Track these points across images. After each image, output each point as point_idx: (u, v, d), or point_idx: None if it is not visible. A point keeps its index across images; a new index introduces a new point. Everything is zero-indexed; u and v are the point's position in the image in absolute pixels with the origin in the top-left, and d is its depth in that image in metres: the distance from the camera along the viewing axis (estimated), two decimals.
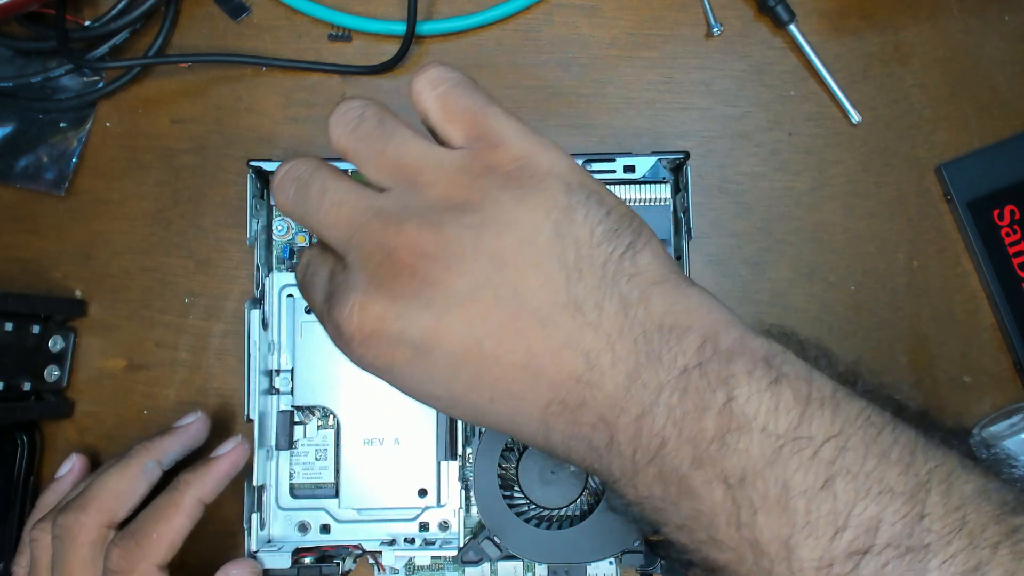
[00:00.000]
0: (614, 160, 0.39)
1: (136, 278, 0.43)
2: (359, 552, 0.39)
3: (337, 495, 0.39)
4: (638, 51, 0.44)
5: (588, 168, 0.39)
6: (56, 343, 0.42)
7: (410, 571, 0.40)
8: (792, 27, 0.43)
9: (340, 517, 0.39)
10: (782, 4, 0.42)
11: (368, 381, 0.33)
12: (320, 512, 0.39)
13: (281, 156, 0.43)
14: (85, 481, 0.38)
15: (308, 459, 0.40)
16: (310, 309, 0.36)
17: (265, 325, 0.39)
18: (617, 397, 0.25)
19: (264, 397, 0.39)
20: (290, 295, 0.40)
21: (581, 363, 0.25)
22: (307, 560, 0.38)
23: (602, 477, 0.26)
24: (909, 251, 0.43)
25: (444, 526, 0.39)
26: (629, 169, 0.39)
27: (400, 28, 0.43)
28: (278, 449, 0.40)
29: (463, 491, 0.39)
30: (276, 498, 0.39)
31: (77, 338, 0.43)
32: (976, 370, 0.42)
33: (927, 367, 0.42)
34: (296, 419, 0.40)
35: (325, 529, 0.39)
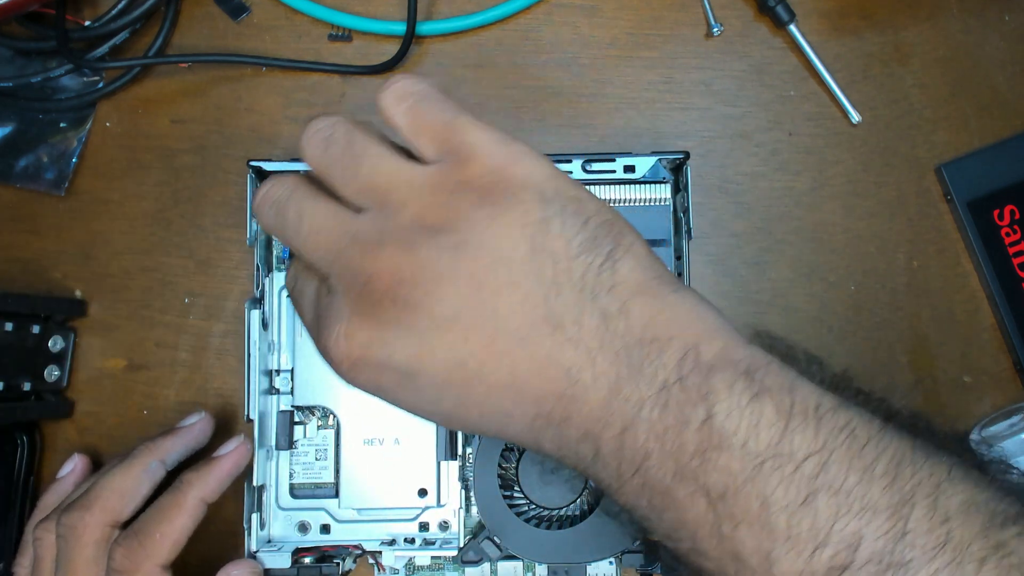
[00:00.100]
0: (614, 160, 0.39)
1: (136, 278, 0.43)
2: (359, 552, 0.39)
3: (337, 495, 0.39)
4: (638, 51, 0.44)
5: (588, 168, 0.39)
6: (56, 343, 0.42)
7: (410, 571, 0.40)
8: (792, 27, 0.43)
9: (340, 517, 0.39)
10: (782, 4, 0.42)
11: None
12: (320, 512, 0.39)
13: (281, 156, 0.43)
14: (88, 481, 0.38)
15: (308, 459, 0.40)
16: None
17: (265, 325, 0.39)
18: (600, 411, 0.25)
19: (264, 397, 0.39)
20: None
21: (563, 379, 0.25)
22: (307, 560, 0.38)
23: (595, 483, 0.27)
24: (909, 251, 0.43)
25: (444, 526, 0.39)
26: (629, 169, 0.39)
27: (400, 28, 0.43)
28: (278, 449, 0.40)
29: (463, 491, 0.39)
30: (276, 498, 0.39)
31: (77, 338, 0.43)
32: (976, 370, 0.42)
33: (927, 367, 0.42)
34: (296, 419, 0.40)
35: (325, 529, 0.39)
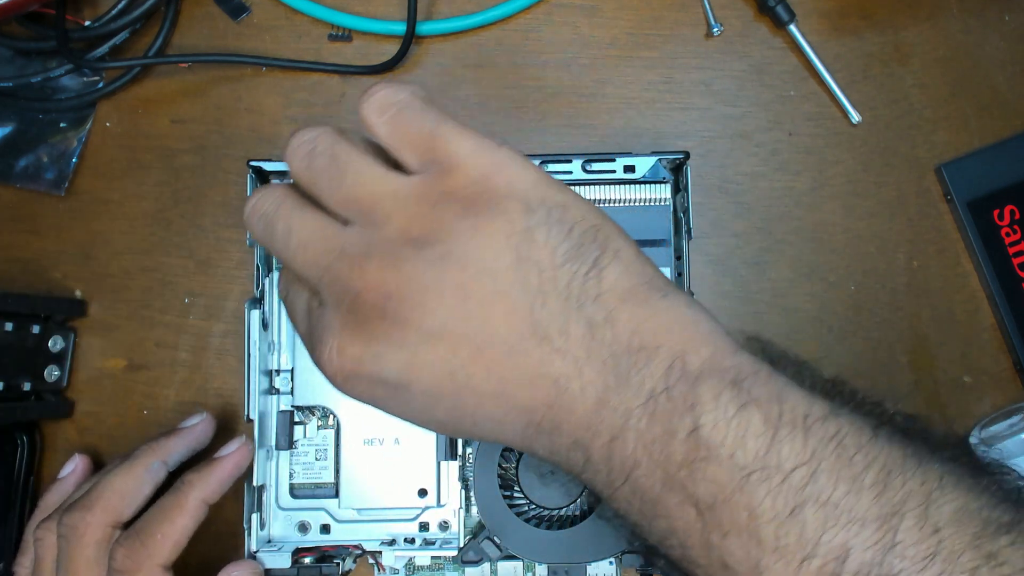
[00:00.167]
0: (614, 160, 0.39)
1: (136, 278, 0.43)
2: (359, 552, 0.39)
3: (337, 495, 0.39)
4: (638, 51, 0.44)
5: (588, 168, 0.39)
6: (56, 343, 0.42)
7: (410, 571, 0.40)
8: (792, 27, 0.43)
9: (340, 517, 0.39)
10: (782, 4, 0.42)
11: None
12: (320, 512, 0.39)
13: (281, 156, 0.43)
14: (89, 481, 0.38)
15: (308, 459, 0.40)
16: None
17: (265, 325, 0.39)
18: (588, 421, 0.25)
19: (264, 397, 0.39)
20: None
21: (551, 389, 0.25)
22: (307, 560, 0.38)
23: (589, 488, 0.27)
24: (909, 251, 0.43)
25: (444, 526, 0.39)
26: (629, 169, 0.39)
27: (400, 28, 0.43)
28: (278, 449, 0.40)
29: (463, 491, 0.39)
30: (276, 498, 0.39)
31: (77, 338, 0.43)
32: (976, 370, 0.42)
33: (927, 367, 0.42)
34: (296, 419, 0.40)
35: (325, 529, 0.39)
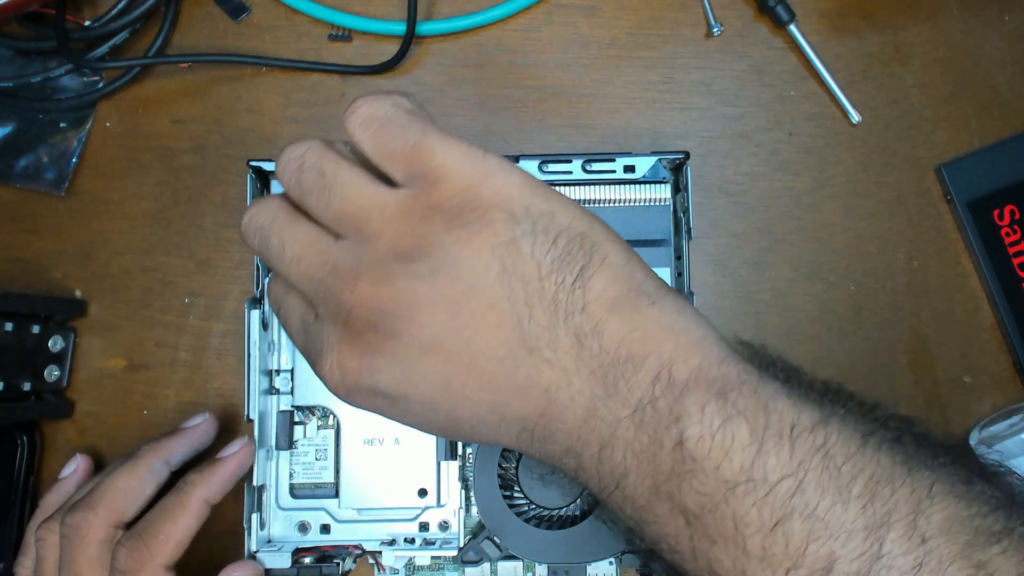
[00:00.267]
0: (614, 160, 0.39)
1: (136, 278, 0.43)
2: (359, 552, 0.39)
3: (337, 495, 0.39)
4: (638, 51, 0.44)
5: (588, 168, 0.39)
6: (56, 343, 0.42)
7: (410, 571, 0.40)
8: (792, 27, 0.43)
9: (340, 517, 0.39)
10: (782, 4, 0.42)
11: None
12: (320, 512, 0.39)
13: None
14: (91, 482, 0.38)
15: (308, 459, 0.40)
16: None
17: (265, 325, 0.39)
18: (578, 430, 0.25)
19: (264, 397, 0.39)
20: None
21: (542, 399, 0.25)
22: (307, 560, 0.38)
23: (586, 490, 0.27)
24: (909, 251, 0.43)
25: (444, 526, 0.39)
26: (629, 169, 0.39)
27: (400, 28, 0.43)
28: (278, 449, 0.40)
29: (463, 491, 0.39)
30: (276, 498, 0.39)
31: (77, 338, 0.43)
32: (976, 370, 0.42)
33: (927, 367, 0.42)
34: (296, 419, 0.40)
35: (325, 529, 0.39)
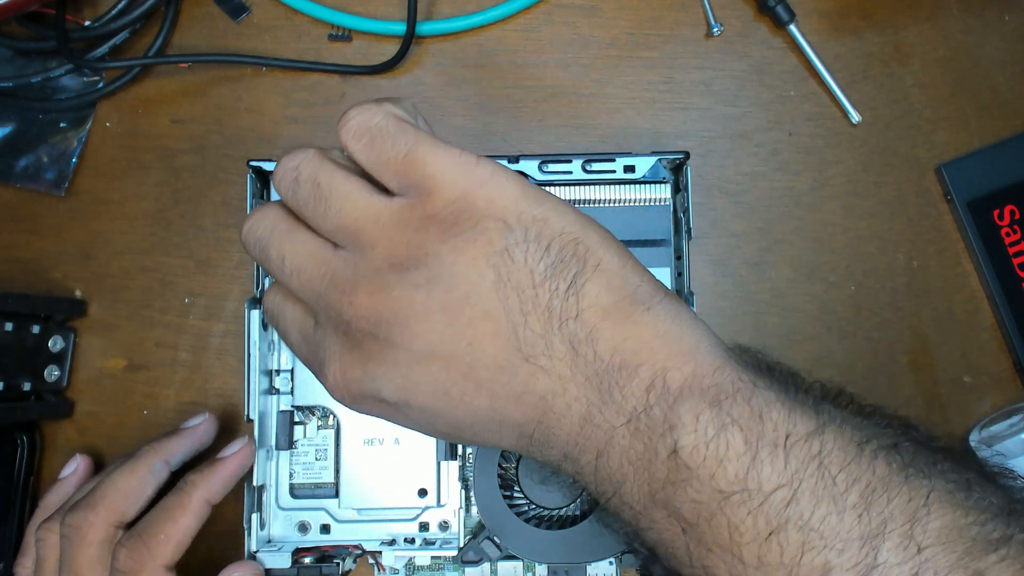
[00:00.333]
0: (614, 160, 0.39)
1: (136, 278, 0.43)
2: (359, 552, 0.39)
3: (337, 495, 0.39)
4: (638, 51, 0.44)
5: (588, 168, 0.39)
6: (56, 343, 0.42)
7: (410, 571, 0.40)
8: (792, 27, 0.43)
9: (340, 517, 0.39)
10: (782, 4, 0.42)
11: None
12: (320, 512, 0.39)
13: (281, 156, 0.43)
14: (91, 482, 0.38)
15: (308, 459, 0.40)
16: None
17: (265, 325, 0.39)
18: (575, 437, 0.25)
19: (264, 397, 0.39)
20: None
21: (539, 405, 0.26)
22: (307, 560, 0.38)
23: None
24: (909, 251, 0.43)
25: (444, 526, 0.39)
26: (629, 169, 0.39)
27: (400, 28, 0.43)
28: (278, 449, 0.40)
29: (463, 491, 0.39)
30: (276, 498, 0.39)
31: (77, 338, 0.43)
32: (976, 370, 0.42)
33: (927, 367, 0.42)
34: (296, 419, 0.40)
35: (325, 529, 0.39)
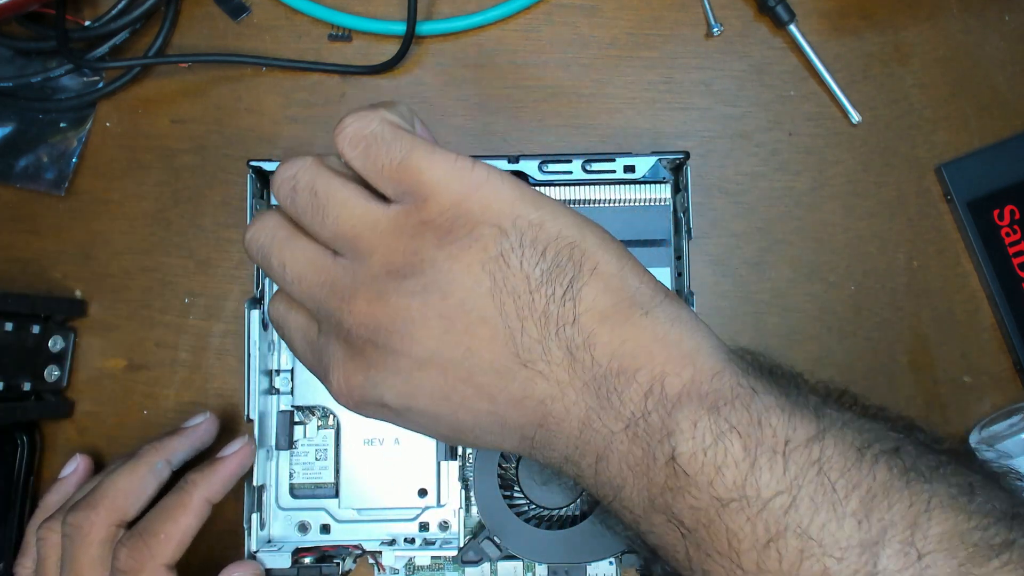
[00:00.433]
0: (614, 160, 0.39)
1: (136, 278, 0.43)
2: (359, 552, 0.39)
3: (337, 495, 0.39)
4: (638, 51, 0.44)
5: (588, 168, 0.39)
6: (56, 343, 0.42)
7: (410, 571, 0.40)
8: (792, 27, 0.43)
9: (340, 517, 0.39)
10: (782, 4, 0.42)
11: None
12: (320, 512, 0.39)
13: (281, 156, 0.43)
14: (91, 481, 0.38)
15: (308, 459, 0.40)
16: None
17: (265, 325, 0.39)
18: (575, 441, 0.26)
19: (264, 397, 0.39)
20: None
21: (539, 409, 0.26)
22: (307, 560, 0.38)
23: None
24: (909, 251, 0.43)
25: (444, 526, 0.39)
26: (629, 169, 0.39)
27: (400, 28, 0.43)
28: (278, 449, 0.40)
29: (463, 491, 0.39)
30: (276, 498, 0.39)
31: (77, 338, 0.43)
32: (976, 370, 0.42)
33: (927, 367, 0.42)
34: (296, 419, 0.40)
35: (325, 529, 0.39)
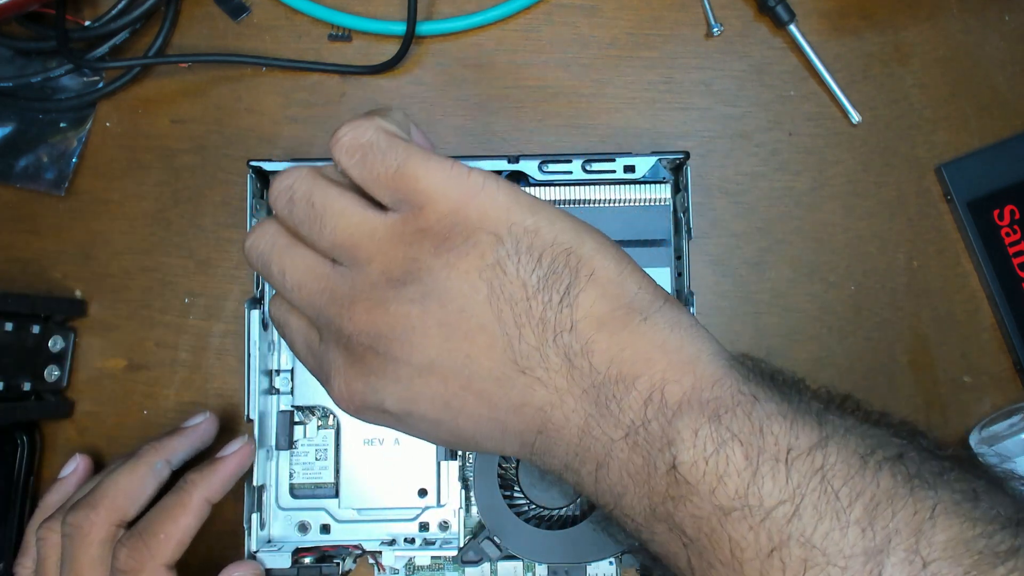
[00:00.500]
0: (614, 160, 0.39)
1: (136, 278, 0.43)
2: (359, 552, 0.39)
3: (337, 495, 0.39)
4: (638, 51, 0.44)
5: (588, 168, 0.39)
6: (56, 343, 0.42)
7: (410, 571, 0.40)
8: (792, 27, 0.43)
9: (340, 517, 0.39)
10: (782, 4, 0.42)
11: None
12: (320, 512, 0.39)
13: (281, 156, 0.43)
14: (91, 481, 0.38)
15: (308, 459, 0.40)
16: None
17: (265, 325, 0.39)
18: (575, 448, 0.25)
19: (264, 397, 0.39)
20: None
21: (538, 417, 0.26)
22: (307, 560, 0.38)
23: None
24: (909, 251, 0.43)
25: (444, 526, 0.39)
26: (629, 169, 0.39)
27: (400, 28, 0.43)
28: (278, 449, 0.40)
29: (463, 491, 0.39)
30: (276, 498, 0.39)
31: (77, 338, 0.43)
32: (976, 370, 0.42)
33: (927, 367, 0.42)
34: (296, 419, 0.40)
35: (325, 529, 0.39)
